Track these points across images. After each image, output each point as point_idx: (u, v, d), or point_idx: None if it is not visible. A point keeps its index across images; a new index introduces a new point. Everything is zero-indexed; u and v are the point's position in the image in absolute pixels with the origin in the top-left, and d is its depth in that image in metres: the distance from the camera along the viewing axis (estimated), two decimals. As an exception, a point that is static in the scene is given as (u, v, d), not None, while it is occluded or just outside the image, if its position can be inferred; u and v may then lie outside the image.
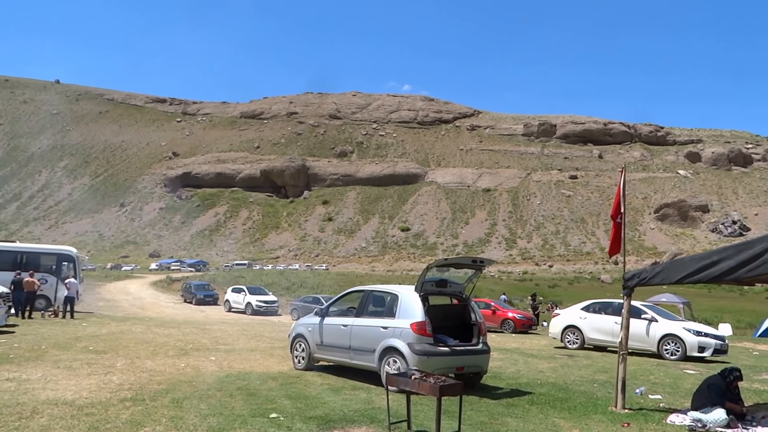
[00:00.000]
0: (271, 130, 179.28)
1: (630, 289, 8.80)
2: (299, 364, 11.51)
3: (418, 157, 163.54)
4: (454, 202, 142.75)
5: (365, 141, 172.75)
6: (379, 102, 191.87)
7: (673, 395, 10.15)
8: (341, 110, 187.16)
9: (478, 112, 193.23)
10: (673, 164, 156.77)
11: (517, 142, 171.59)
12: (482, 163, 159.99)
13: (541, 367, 13.28)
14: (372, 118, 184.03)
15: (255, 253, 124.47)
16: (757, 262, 7.15)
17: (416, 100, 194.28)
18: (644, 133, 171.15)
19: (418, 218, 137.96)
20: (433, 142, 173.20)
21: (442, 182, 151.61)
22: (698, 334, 16.39)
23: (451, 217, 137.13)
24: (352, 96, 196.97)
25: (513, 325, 25.99)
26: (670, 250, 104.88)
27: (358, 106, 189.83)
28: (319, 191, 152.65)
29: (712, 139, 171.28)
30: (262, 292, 39.09)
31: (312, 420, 7.18)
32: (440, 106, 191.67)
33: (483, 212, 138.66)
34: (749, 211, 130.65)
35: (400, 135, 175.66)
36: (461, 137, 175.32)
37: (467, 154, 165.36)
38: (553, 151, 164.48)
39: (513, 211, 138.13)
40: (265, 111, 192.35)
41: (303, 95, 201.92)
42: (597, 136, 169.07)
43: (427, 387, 6.30)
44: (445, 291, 10.40)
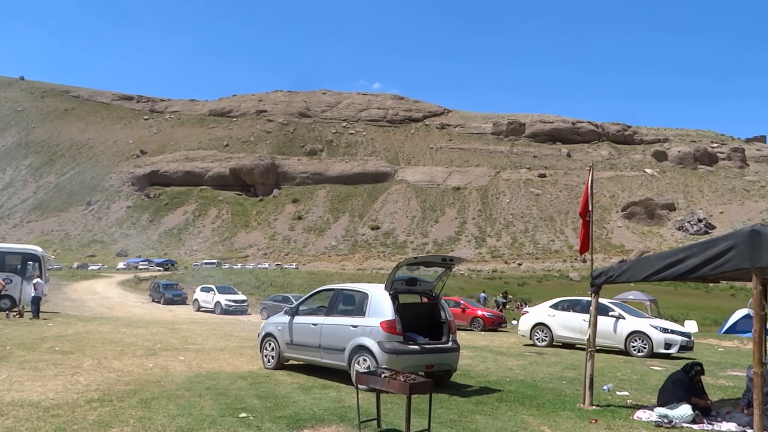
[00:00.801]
0: (240, 128, 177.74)
1: (597, 286, 8.90)
2: (269, 363, 11.42)
3: (388, 155, 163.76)
4: (424, 201, 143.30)
5: (335, 139, 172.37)
6: (349, 100, 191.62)
7: (640, 391, 10.32)
8: (311, 108, 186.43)
9: (447, 111, 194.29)
10: (640, 163, 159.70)
11: (486, 140, 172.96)
12: (452, 161, 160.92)
13: (511, 365, 13.39)
14: (342, 117, 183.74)
15: (224, 252, 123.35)
16: (722, 260, 7.29)
17: (386, 99, 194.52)
18: (612, 132, 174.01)
19: (388, 217, 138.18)
20: (403, 140, 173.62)
21: (412, 181, 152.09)
22: (665, 331, 16.70)
23: (421, 215, 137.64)
24: (322, 94, 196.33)
25: (483, 323, 26.19)
26: (638, 248, 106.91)
27: (328, 105, 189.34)
28: (289, 190, 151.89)
29: (679, 138, 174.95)
30: (231, 291, 38.76)
31: (282, 419, 7.12)
32: (410, 105, 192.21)
33: (453, 211, 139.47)
34: (714, 209, 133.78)
35: (370, 133, 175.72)
36: (431, 136, 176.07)
37: (437, 152, 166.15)
38: (522, 150, 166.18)
39: (482, 210, 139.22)
40: (234, 109, 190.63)
41: (272, 93, 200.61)
42: (565, 135, 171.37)
43: (397, 385, 6.29)
44: (415, 289, 10.41)
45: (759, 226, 7.10)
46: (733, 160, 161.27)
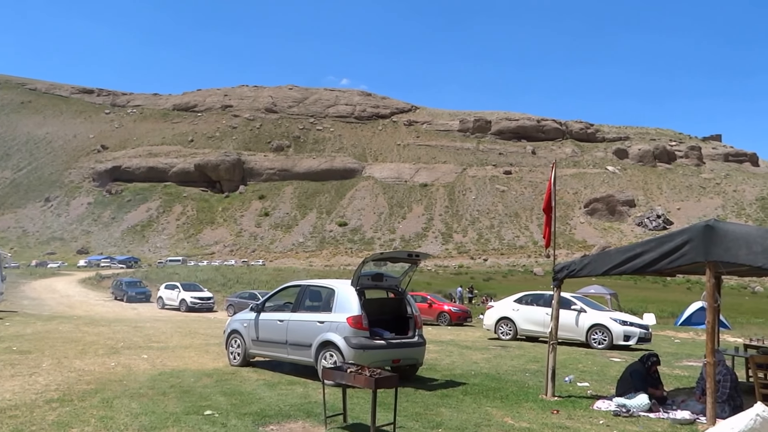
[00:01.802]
0: (205, 124, 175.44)
1: (559, 281, 9.09)
2: (235, 360, 11.38)
3: (355, 152, 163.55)
4: (392, 197, 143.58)
5: (302, 135, 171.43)
6: (316, 96, 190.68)
7: (600, 382, 10.58)
8: (277, 104, 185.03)
9: (415, 108, 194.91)
10: (602, 160, 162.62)
11: (453, 137, 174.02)
12: (419, 158, 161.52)
13: (475, 358, 13.58)
14: (309, 113, 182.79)
15: (189, 249, 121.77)
16: (678, 254, 7.53)
17: (353, 95, 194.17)
18: (575, 130, 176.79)
19: (356, 213, 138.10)
20: (371, 137, 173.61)
21: (380, 177, 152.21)
22: (624, 323, 17.13)
23: (389, 211, 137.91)
24: (289, 90, 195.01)
25: (449, 318, 26.42)
26: (599, 243, 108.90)
27: (295, 100, 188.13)
28: (255, 186, 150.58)
29: (639, 136, 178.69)
30: (196, 288, 38.36)
31: (247, 416, 7.12)
32: (377, 101, 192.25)
33: (420, 207, 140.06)
34: (672, 205, 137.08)
35: (338, 130, 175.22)
36: (398, 132, 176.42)
37: (404, 149, 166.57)
38: (488, 147, 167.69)
39: (449, 206, 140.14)
40: (199, 104, 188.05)
41: (238, 88, 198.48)
42: (530, 132, 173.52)
43: (363, 380, 6.34)
44: (382, 285, 10.49)
45: (713, 221, 7.35)
46: (691, 158, 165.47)
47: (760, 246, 6.78)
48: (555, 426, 6.96)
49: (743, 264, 7.03)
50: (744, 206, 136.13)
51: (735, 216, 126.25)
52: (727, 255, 7.01)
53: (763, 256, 6.73)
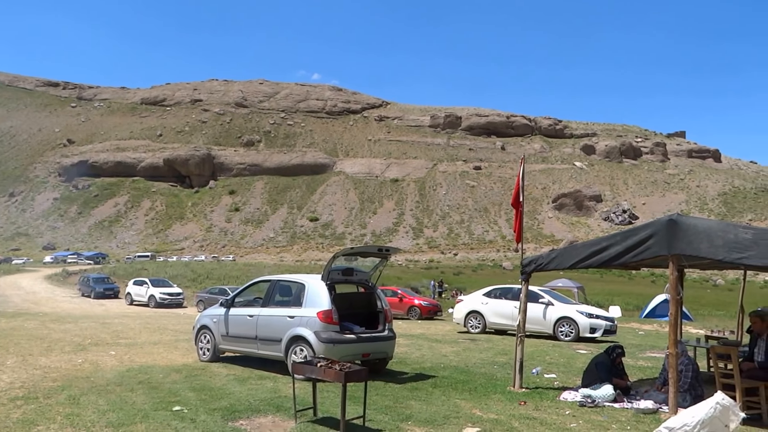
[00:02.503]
0: (174, 118, 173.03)
1: (527, 274, 9.22)
2: (204, 355, 11.32)
3: (326, 147, 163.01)
4: (363, 192, 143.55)
5: (273, 130, 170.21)
6: (287, 91, 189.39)
7: (566, 374, 10.77)
8: (248, 98, 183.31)
9: (386, 103, 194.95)
10: (570, 156, 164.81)
11: (424, 133, 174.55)
12: (390, 153, 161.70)
13: (445, 352, 13.71)
14: (280, 107, 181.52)
15: (158, 244, 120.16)
16: (642, 248, 7.68)
17: (325, 90, 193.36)
18: (544, 126, 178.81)
19: (327, 208, 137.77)
20: (342, 132, 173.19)
21: (351, 172, 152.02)
22: (590, 316, 17.46)
23: (360, 206, 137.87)
24: (259, 84, 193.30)
25: (419, 312, 26.56)
26: (567, 238, 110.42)
27: (266, 95, 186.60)
28: (226, 181, 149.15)
29: (606, 132, 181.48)
30: (166, 284, 37.96)
31: (217, 411, 7.10)
32: (349, 96, 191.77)
33: (391, 202, 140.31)
34: (638, 200, 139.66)
35: (309, 125, 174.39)
36: (369, 128, 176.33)
37: (375, 144, 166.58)
38: (458, 143, 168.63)
39: (420, 201, 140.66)
40: (167, 97, 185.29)
41: (208, 82, 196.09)
42: (500, 128, 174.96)
43: (333, 374, 6.37)
44: (352, 279, 10.53)
45: (676, 216, 7.52)
46: (656, 154, 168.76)
47: (721, 240, 6.95)
48: (522, 417, 7.08)
49: (705, 257, 7.20)
50: (707, 201, 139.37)
51: (698, 211, 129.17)
52: (689, 248, 7.18)
53: (724, 250, 6.90)
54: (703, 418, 5.52)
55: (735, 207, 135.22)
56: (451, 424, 6.66)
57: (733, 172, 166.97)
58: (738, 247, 6.77)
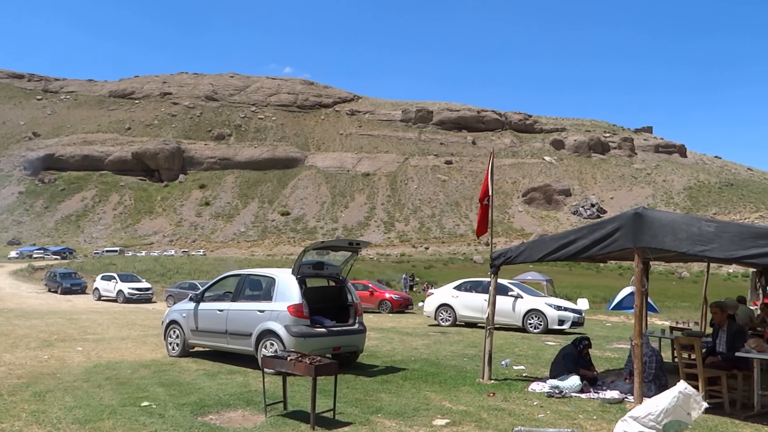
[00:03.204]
0: (143, 111, 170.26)
1: (497, 267, 9.30)
2: (173, 351, 11.22)
3: (297, 141, 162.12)
4: (334, 186, 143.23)
5: (244, 124, 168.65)
6: (258, 84, 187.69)
7: (535, 365, 10.91)
8: (218, 92, 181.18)
9: (357, 97, 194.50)
10: (540, 151, 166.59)
11: (395, 127, 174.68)
12: (361, 147, 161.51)
13: (415, 345, 13.78)
14: (251, 101, 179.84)
15: (127, 239, 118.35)
16: (608, 241, 7.80)
17: (296, 84, 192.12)
18: (514, 121, 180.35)
19: (298, 202, 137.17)
20: (313, 126, 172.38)
21: (322, 166, 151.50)
22: (558, 308, 17.71)
23: (331, 201, 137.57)
24: (230, 77, 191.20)
25: (390, 306, 26.64)
26: (537, 232, 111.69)
27: (236, 88, 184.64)
28: (196, 175, 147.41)
29: (575, 127, 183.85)
30: (134, 279, 37.50)
31: (186, 406, 7.03)
32: (320, 90, 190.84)
33: (362, 196, 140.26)
34: (606, 194, 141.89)
35: (280, 118, 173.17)
36: (341, 122, 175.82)
37: (347, 138, 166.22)
38: (429, 137, 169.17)
39: (391, 195, 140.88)
40: (136, 90, 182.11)
41: (177, 75, 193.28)
42: (471, 123, 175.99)
43: (303, 367, 6.36)
44: (322, 273, 10.52)
45: (641, 209, 7.65)
46: (623, 149, 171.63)
47: (685, 233, 7.08)
48: (491, 408, 7.15)
49: (669, 250, 7.34)
50: (672, 195, 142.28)
51: (664, 204, 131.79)
52: (654, 241, 7.31)
53: (687, 243, 7.04)
54: (666, 406, 5.64)
55: (700, 201, 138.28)
56: (420, 416, 6.71)
57: (698, 166, 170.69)
58: (701, 240, 6.90)
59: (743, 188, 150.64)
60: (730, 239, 6.70)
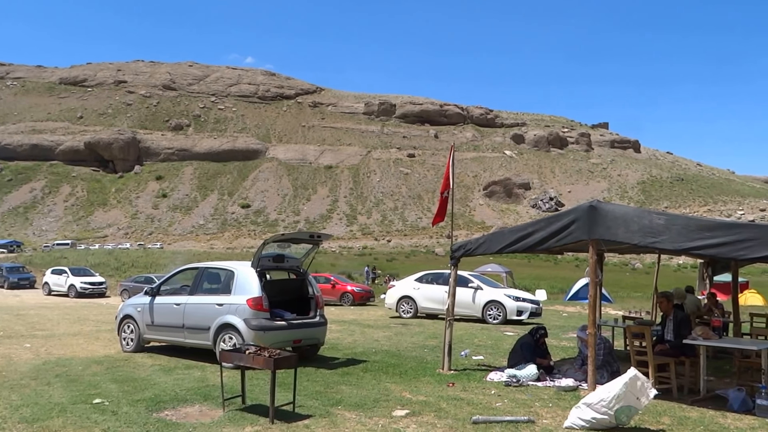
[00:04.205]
0: (96, 99, 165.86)
1: (456, 259, 9.38)
2: (128, 346, 11.00)
3: (258, 132, 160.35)
4: (296, 179, 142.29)
5: (203, 114, 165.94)
6: (217, 74, 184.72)
7: (493, 355, 11.06)
8: (176, 81, 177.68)
9: (320, 89, 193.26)
10: (500, 145, 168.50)
11: (358, 120, 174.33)
12: (324, 140, 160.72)
13: (377, 337, 13.82)
14: (210, 91, 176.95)
15: (79, 232, 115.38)
16: (565, 233, 7.94)
17: (257, 74, 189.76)
18: (476, 115, 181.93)
19: (259, 195, 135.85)
20: (275, 117, 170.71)
21: (284, 159, 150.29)
22: (517, 299, 18.00)
23: (293, 193, 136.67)
24: (188, 66, 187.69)
25: (352, 298, 26.65)
26: (497, 224, 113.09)
27: (195, 78, 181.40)
28: (152, 166, 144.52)
29: (535, 122, 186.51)
30: (87, 273, 36.63)
31: (140, 402, 6.90)
32: (282, 82, 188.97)
33: (325, 189, 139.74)
34: (564, 188, 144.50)
35: (240, 109, 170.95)
36: (303, 114, 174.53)
37: (309, 130, 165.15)
38: (392, 130, 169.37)
39: (354, 188, 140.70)
40: (89, 78, 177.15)
41: (133, 63, 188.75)
42: (433, 116, 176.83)
43: (262, 361, 6.31)
44: (283, 266, 10.46)
45: (596, 202, 7.80)
46: (581, 144, 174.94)
47: (637, 225, 7.26)
48: (450, 398, 7.22)
49: (622, 242, 7.51)
50: (627, 189, 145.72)
51: (619, 198, 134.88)
52: (607, 233, 7.47)
53: (639, 235, 7.21)
54: (617, 393, 5.80)
55: (652, 195, 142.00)
56: (380, 408, 6.73)
57: (651, 161, 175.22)
58: (652, 232, 7.09)
59: (693, 183, 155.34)
60: (678, 231, 6.90)
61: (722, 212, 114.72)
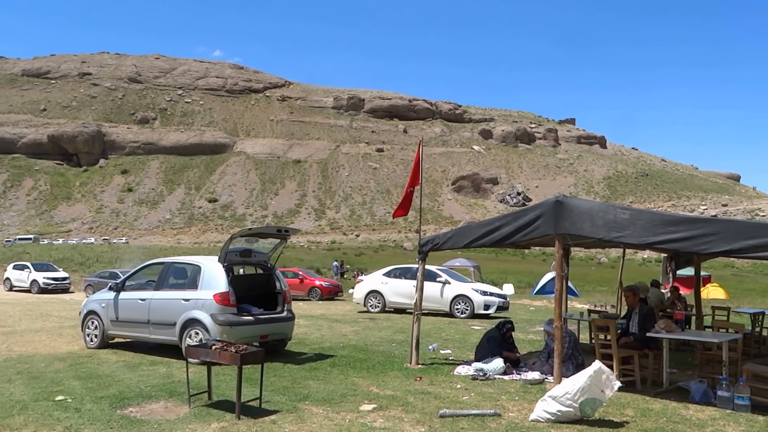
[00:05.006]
0: (60, 92, 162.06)
1: (424, 254, 9.41)
2: (92, 342, 10.81)
3: (226, 126, 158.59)
4: (264, 173, 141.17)
5: (169, 107, 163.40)
6: (184, 67, 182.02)
7: (461, 349, 11.14)
8: (142, 74, 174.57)
9: (288, 83, 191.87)
10: (468, 140, 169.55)
11: (327, 114, 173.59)
12: (292, 134, 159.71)
13: (344, 331, 13.81)
14: (177, 84, 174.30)
15: (42, 226, 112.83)
16: (531, 228, 8.01)
17: (225, 67, 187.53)
18: (444, 110, 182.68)
19: (227, 189, 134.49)
20: (243, 111, 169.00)
21: (252, 153, 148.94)
22: (484, 293, 18.16)
23: (261, 188, 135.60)
24: (155, 59, 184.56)
25: (320, 293, 26.58)
26: (465, 219, 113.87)
27: (162, 70, 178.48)
28: (118, 160, 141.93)
29: (502, 118, 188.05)
30: (50, 268, 35.81)
31: (104, 399, 6.78)
32: (250, 75, 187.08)
33: (293, 183, 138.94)
34: (531, 183, 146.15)
35: (208, 103, 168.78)
36: (272, 107, 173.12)
37: (278, 124, 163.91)
38: (361, 125, 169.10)
39: (322, 183, 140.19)
40: (52, 70, 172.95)
41: (98, 54, 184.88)
42: (402, 111, 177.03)
43: (228, 356, 6.25)
44: (250, 261, 10.37)
45: (561, 197, 7.88)
46: (548, 139, 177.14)
47: (602, 220, 7.36)
48: (417, 392, 7.26)
49: (587, 236, 7.62)
50: (593, 185, 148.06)
51: (585, 193, 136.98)
52: (573, 228, 7.56)
53: (604, 229, 7.32)
54: (582, 385, 5.89)
55: (618, 190, 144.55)
56: (348, 402, 6.73)
57: (616, 157, 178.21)
58: (617, 227, 7.20)
59: (657, 178, 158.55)
60: (642, 226, 7.02)
61: (686, 207, 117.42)
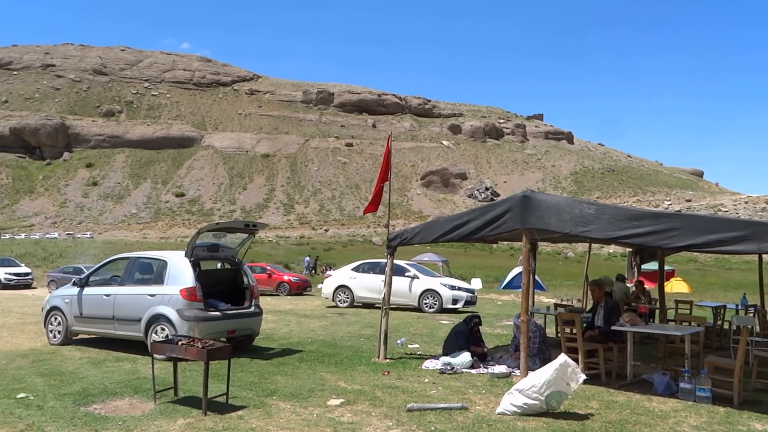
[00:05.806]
0: (22, 83, 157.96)
1: (393, 248, 9.42)
2: (55, 339, 10.61)
3: (194, 120, 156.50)
4: (232, 168, 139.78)
5: (135, 100, 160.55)
6: (151, 59, 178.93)
7: (429, 343, 11.21)
8: (107, 66, 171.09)
9: (257, 77, 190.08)
10: (438, 135, 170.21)
11: (296, 108, 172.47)
12: (261, 128, 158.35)
13: (313, 326, 13.79)
14: (143, 76, 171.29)
15: (4, 221, 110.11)
16: (499, 222, 8.08)
17: (192, 60, 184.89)
18: (414, 105, 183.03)
19: (194, 183, 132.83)
20: (211, 105, 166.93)
21: (220, 147, 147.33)
22: (452, 288, 18.28)
23: (229, 182, 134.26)
24: (120, 51, 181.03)
25: (288, 288, 26.45)
26: (434, 214, 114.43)
27: (128, 63, 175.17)
28: (82, 153, 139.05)
29: (472, 113, 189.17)
30: (11, 263, 34.96)
31: (67, 396, 6.66)
32: (218, 68, 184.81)
33: (261, 178, 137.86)
34: (500, 178, 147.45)
35: (175, 96, 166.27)
36: (240, 101, 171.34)
37: (246, 118, 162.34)
38: (330, 119, 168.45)
39: (291, 177, 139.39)
40: (14, 60, 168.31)
41: (62, 46, 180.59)
42: (371, 106, 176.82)
43: (195, 352, 6.19)
44: (217, 255, 10.30)
45: (529, 192, 7.97)
46: (516, 135, 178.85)
47: (568, 214, 7.47)
48: (385, 386, 7.28)
49: (554, 231, 7.71)
50: (560, 180, 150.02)
51: (553, 188, 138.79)
52: (540, 223, 7.65)
53: (570, 224, 7.43)
54: (548, 378, 5.98)
55: (585, 185, 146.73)
56: (315, 397, 6.73)
57: (583, 153, 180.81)
58: (583, 221, 7.31)
59: (623, 174, 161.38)
60: (608, 221, 7.14)
61: (651, 202, 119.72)
